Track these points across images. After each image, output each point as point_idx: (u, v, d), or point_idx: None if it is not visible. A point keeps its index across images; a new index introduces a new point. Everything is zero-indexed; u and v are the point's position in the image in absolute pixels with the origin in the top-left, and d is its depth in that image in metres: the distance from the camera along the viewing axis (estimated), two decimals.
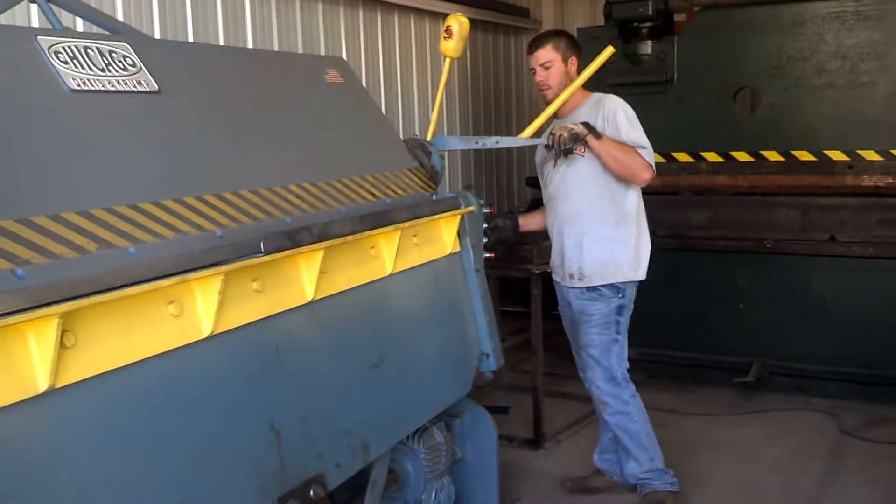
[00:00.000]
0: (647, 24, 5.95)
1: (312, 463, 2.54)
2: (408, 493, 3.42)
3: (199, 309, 2.24)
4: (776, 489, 4.48)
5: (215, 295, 2.25)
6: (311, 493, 2.47)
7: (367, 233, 2.87)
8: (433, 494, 3.45)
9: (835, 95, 5.58)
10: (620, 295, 4.15)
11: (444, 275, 3.50)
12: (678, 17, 6.33)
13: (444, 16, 4.36)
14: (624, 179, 4.06)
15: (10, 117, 2.13)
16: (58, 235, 2.00)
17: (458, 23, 3.96)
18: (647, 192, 4.32)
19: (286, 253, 2.49)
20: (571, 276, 4.18)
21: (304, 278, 2.64)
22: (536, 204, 5.05)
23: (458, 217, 3.50)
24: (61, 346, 1.86)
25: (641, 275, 4.20)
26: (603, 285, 4.12)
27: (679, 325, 6.08)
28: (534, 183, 6.13)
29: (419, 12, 6.64)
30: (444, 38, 3.98)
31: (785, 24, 5.68)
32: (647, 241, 4.24)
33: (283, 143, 2.97)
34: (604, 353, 4.15)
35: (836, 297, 5.65)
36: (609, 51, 3.95)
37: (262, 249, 2.41)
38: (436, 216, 3.33)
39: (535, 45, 4.26)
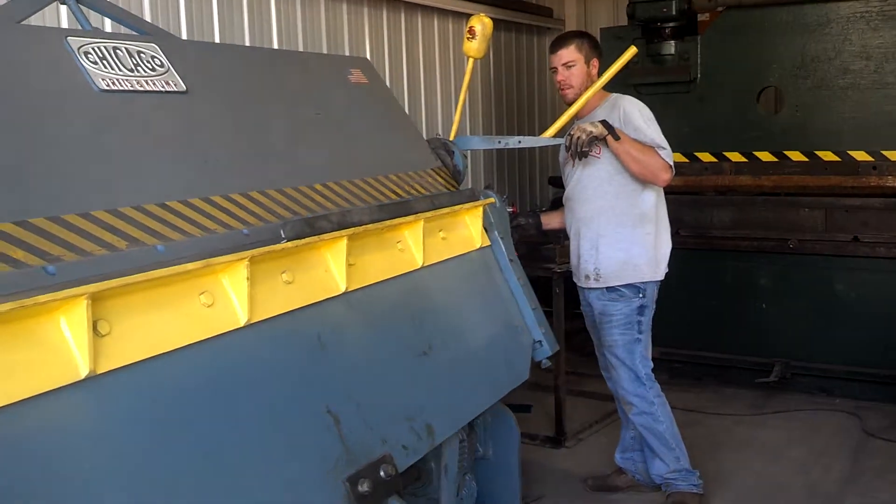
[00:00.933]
0: (671, 24, 5.96)
1: (377, 446, 2.53)
2: (431, 490, 3.44)
3: (231, 298, 2.27)
4: (798, 489, 4.47)
5: (243, 282, 2.27)
6: (382, 472, 2.46)
7: (387, 222, 2.88)
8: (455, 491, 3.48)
9: (859, 96, 5.56)
10: (641, 295, 4.16)
11: (479, 267, 3.50)
12: (702, 17, 6.32)
13: (468, 16, 4.39)
14: (643, 180, 4.07)
15: (41, 117, 2.17)
16: (87, 233, 2.04)
17: (481, 23, 3.98)
18: (670, 192, 4.33)
19: (308, 240, 2.52)
20: (587, 277, 4.19)
21: (333, 269, 2.66)
22: (558, 203, 5.07)
23: (481, 209, 3.51)
24: (96, 333, 1.88)
25: (660, 275, 4.21)
26: (622, 286, 4.13)
27: (702, 325, 6.08)
28: (556, 182, 6.15)
29: (442, 12, 6.66)
30: (468, 38, 4.00)
31: (809, 25, 5.66)
32: (666, 242, 4.24)
33: (308, 142, 3.01)
34: (627, 354, 4.16)
35: (859, 297, 5.64)
36: (632, 51, 3.95)
37: (283, 235, 2.45)
38: (456, 206, 3.34)
39: (557, 45, 4.26)
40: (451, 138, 3.86)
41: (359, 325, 2.74)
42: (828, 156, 5.67)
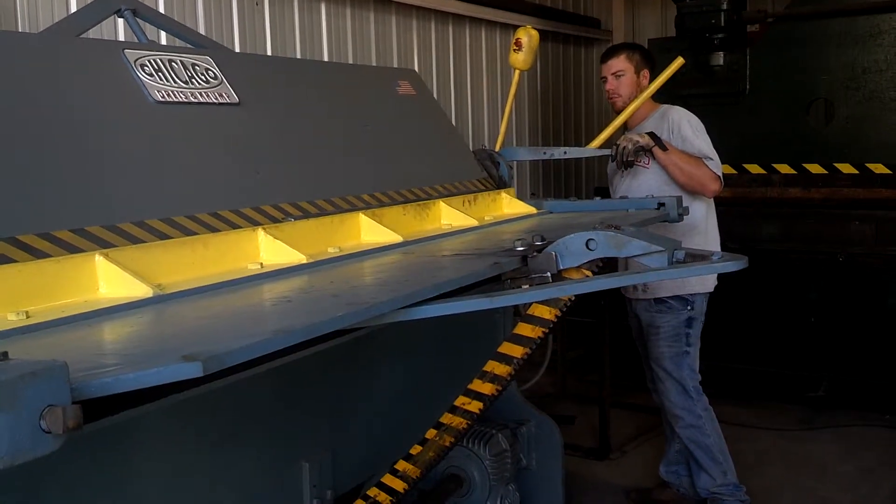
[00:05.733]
0: (720, 35, 5.92)
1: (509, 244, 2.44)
2: (474, 499, 3.46)
3: (279, 259, 2.32)
4: None
5: (275, 243, 2.33)
6: (533, 240, 2.37)
7: (400, 206, 2.94)
8: (498, 501, 3.49)
9: None
10: (689, 307, 4.13)
11: (553, 216, 3.51)
12: (751, 28, 6.28)
13: (515, 27, 4.41)
14: (692, 191, 4.06)
15: (99, 127, 2.24)
16: (141, 240, 2.09)
17: (528, 35, 4.00)
18: (719, 204, 4.31)
19: (318, 219, 2.57)
20: (634, 288, 4.18)
21: (379, 238, 2.69)
22: None
23: (505, 195, 3.56)
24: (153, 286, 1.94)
25: (709, 287, 4.18)
26: (670, 297, 4.11)
27: (750, 338, 6.00)
28: (602, 193, 6.11)
29: (490, 24, 6.69)
30: (514, 50, 4.03)
31: (860, 36, 5.60)
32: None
33: (356, 153, 3.05)
34: (675, 366, 4.14)
35: None
36: (679, 62, 3.95)
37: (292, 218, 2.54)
38: (472, 194, 3.38)
39: (608, 55, 4.30)
40: (497, 149, 3.89)
41: (444, 247, 2.73)
42: (879, 168, 5.59)
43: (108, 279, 1.92)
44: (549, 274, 2.27)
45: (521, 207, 3.54)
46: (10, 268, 1.77)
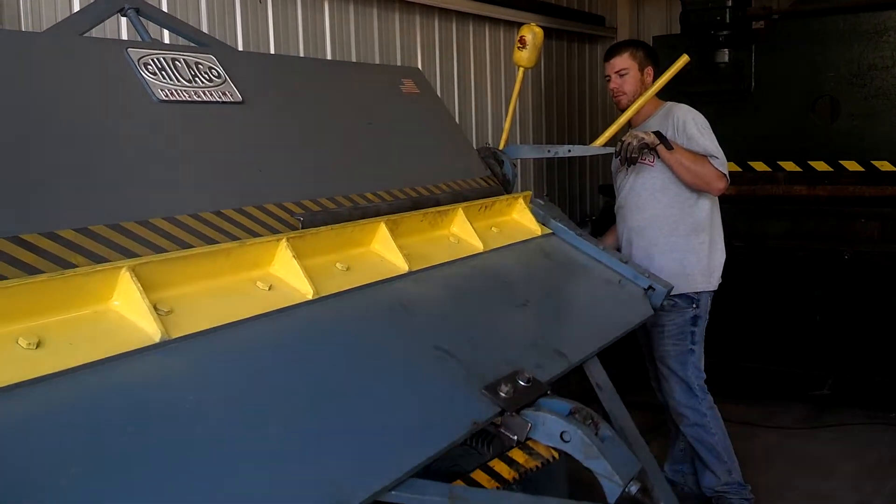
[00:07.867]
0: (725, 32, 5.90)
1: (504, 366, 2.43)
2: None
3: (289, 280, 2.26)
4: None
5: (291, 261, 2.26)
6: (520, 381, 2.36)
7: (421, 210, 2.91)
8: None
9: None
10: (694, 305, 4.13)
11: (550, 247, 3.47)
12: (756, 25, 6.26)
13: (519, 25, 4.39)
14: (697, 189, 4.05)
15: (102, 126, 2.24)
16: (145, 240, 2.10)
17: (532, 33, 4.00)
18: (724, 202, 4.30)
19: (331, 227, 2.52)
20: None
21: (388, 256, 2.64)
22: (608, 212, 5.05)
23: (521, 201, 3.52)
24: (158, 311, 1.88)
25: (714, 285, 4.17)
26: (675, 296, 4.10)
27: (754, 336, 5.99)
28: (606, 191, 6.12)
29: (493, 21, 6.67)
30: (518, 47, 4.02)
31: (866, 33, 5.58)
32: (720, 251, 4.21)
33: (360, 152, 3.04)
34: (680, 365, 4.13)
35: None
36: (684, 59, 3.94)
37: (300, 223, 2.52)
38: (490, 199, 3.35)
39: (612, 53, 4.28)
40: (500, 147, 3.88)
41: (438, 292, 2.70)
42: (885, 165, 5.57)
43: (122, 294, 1.87)
44: (515, 438, 2.25)
45: (529, 221, 3.50)
46: (23, 280, 1.72)
